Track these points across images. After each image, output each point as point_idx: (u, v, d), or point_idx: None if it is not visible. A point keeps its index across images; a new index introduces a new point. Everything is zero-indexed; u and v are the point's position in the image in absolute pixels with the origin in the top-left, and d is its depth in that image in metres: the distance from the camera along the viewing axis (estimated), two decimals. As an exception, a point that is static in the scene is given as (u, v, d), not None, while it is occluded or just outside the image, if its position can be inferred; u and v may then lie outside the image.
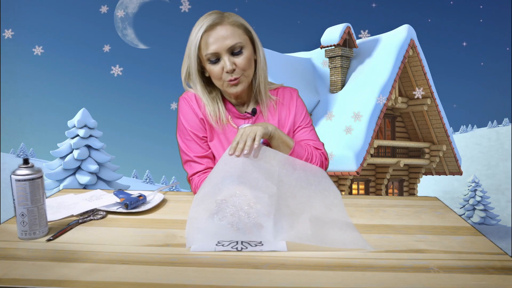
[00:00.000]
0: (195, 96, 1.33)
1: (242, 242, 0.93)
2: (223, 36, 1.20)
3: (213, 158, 1.34)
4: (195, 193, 1.31)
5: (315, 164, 1.29)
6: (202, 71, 1.30)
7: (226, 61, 1.21)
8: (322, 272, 0.78)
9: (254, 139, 1.10)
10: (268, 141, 1.25)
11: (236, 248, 0.90)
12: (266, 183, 1.00)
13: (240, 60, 1.22)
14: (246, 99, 1.36)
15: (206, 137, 1.33)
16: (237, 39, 1.21)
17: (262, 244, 0.92)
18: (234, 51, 1.22)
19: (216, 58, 1.22)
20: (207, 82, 1.32)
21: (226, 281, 0.74)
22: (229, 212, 0.96)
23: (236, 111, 1.35)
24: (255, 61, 1.30)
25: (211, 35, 1.20)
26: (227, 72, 1.22)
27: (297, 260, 0.83)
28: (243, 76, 1.24)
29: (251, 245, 0.91)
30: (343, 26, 12.37)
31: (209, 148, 1.33)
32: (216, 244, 0.91)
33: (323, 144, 1.39)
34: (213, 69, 1.23)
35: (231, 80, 1.23)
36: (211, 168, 1.32)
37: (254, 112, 1.35)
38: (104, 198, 1.25)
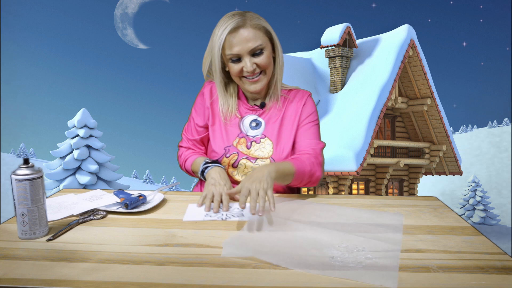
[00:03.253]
0: (214, 85, 1.46)
1: (226, 214, 1.13)
2: (246, 39, 1.29)
3: (201, 143, 1.51)
4: (178, 158, 1.54)
5: (317, 170, 1.35)
6: (222, 66, 1.39)
7: (247, 62, 1.30)
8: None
9: (266, 196, 1.07)
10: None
11: (222, 218, 1.10)
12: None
13: (260, 59, 1.32)
14: (261, 95, 1.46)
15: (203, 126, 1.49)
16: (259, 41, 1.30)
17: (243, 215, 1.12)
18: (255, 53, 1.31)
19: (237, 58, 1.32)
20: (227, 76, 1.43)
21: (226, 281, 0.74)
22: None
23: (246, 102, 1.46)
24: (275, 59, 1.39)
25: (234, 37, 1.29)
26: (247, 72, 1.32)
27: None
28: (263, 75, 1.35)
29: (234, 216, 1.12)
30: (343, 26, 12.37)
31: (202, 134, 1.49)
32: (205, 216, 1.12)
33: (321, 141, 1.43)
34: (234, 68, 1.33)
35: (250, 79, 1.34)
36: (194, 150, 1.50)
37: (262, 106, 1.45)
38: (104, 198, 1.25)
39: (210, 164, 1.37)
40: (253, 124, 1.44)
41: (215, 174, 1.31)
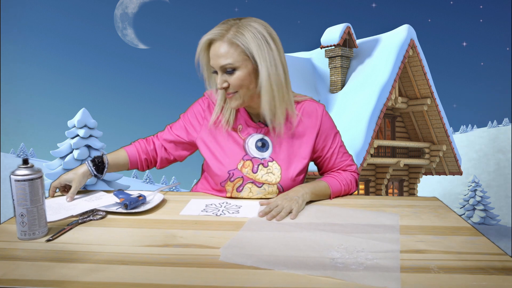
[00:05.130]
0: (213, 96, 1.38)
1: (222, 210, 1.17)
2: (217, 55, 1.19)
3: (168, 136, 1.42)
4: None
5: (353, 187, 1.38)
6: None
7: (218, 78, 1.22)
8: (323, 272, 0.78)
9: (289, 213, 1.12)
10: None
11: (216, 214, 1.14)
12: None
13: (231, 79, 1.21)
14: (259, 110, 1.30)
15: (183, 140, 1.40)
16: (229, 59, 1.18)
17: (239, 212, 1.15)
18: (226, 71, 1.20)
19: (214, 71, 1.23)
20: None
21: (226, 281, 0.74)
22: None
23: (250, 119, 1.34)
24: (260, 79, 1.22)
25: (210, 50, 1.22)
26: (219, 88, 1.23)
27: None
28: (237, 94, 1.23)
29: (229, 212, 1.16)
30: (343, 26, 12.37)
31: (176, 138, 1.41)
32: (201, 211, 1.16)
33: (351, 157, 1.44)
34: (215, 80, 1.25)
35: (226, 94, 1.25)
36: (140, 145, 1.44)
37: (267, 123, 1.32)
38: (104, 199, 1.25)
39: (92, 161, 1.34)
40: (259, 144, 1.33)
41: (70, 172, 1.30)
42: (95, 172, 1.32)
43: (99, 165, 1.34)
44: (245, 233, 0.98)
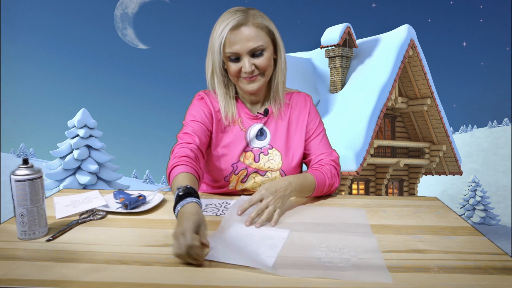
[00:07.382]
0: (212, 93, 1.37)
1: (222, 210, 1.16)
2: (246, 38, 1.22)
3: (202, 140, 1.29)
4: (171, 154, 1.23)
5: (336, 181, 1.34)
6: (223, 65, 1.31)
7: (246, 62, 1.24)
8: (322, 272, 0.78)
9: (271, 217, 1.06)
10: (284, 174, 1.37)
11: (216, 213, 1.13)
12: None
13: (260, 61, 1.25)
14: (261, 99, 1.40)
15: (210, 131, 1.34)
16: (260, 41, 1.23)
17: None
18: (255, 53, 1.25)
19: (236, 58, 1.25)
20: (226, 76, 1.34)
21: (226, 281, 0.74)
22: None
23: (249, 111, 1.39)
24: (276, 61, 1.33)
25: (235, 35, 1.22)
26: (245, 72, 1.26)
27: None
28: (261, 76, 1.28)
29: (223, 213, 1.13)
30: (343, 26, 12.37)
31: (205, 138, 1.31)
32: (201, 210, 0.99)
33: (334, 151, 1.42)
34: (232, 67, 1.26)
35: (247, 78, 1.27)
36: (189, 158, 1.20)
37: (266, 113, 1.39)
38: (103, 198, 1.25)
39: (182, 200, 0.97)
40: (259, 133, 1.39)
41: (184, 219, 0.89)
42: (199, 201, 0.99)
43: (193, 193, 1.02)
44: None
